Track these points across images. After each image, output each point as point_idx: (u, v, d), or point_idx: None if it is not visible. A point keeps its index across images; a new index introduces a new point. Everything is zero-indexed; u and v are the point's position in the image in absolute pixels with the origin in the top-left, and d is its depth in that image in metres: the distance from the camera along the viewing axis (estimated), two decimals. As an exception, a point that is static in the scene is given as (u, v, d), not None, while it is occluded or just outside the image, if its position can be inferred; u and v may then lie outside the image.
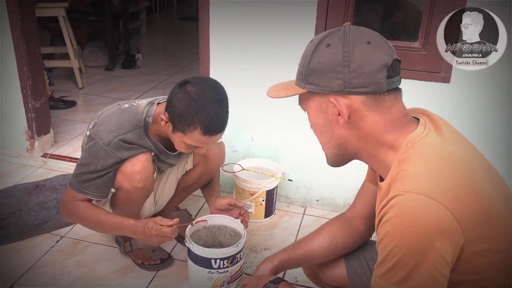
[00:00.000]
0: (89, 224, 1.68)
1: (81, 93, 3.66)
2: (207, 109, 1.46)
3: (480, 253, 0.86)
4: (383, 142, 0.94)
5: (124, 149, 1.57)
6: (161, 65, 4.48)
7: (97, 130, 1.59)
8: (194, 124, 1.47)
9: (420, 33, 1.82)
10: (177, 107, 1.48)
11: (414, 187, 0.84)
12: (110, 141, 1.55)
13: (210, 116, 1.46)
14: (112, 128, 1.57)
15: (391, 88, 0.92)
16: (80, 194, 1.60)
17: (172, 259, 1.87)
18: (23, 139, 2.57)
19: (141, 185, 1.63)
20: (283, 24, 1.96)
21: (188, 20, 6.48)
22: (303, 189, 2.24)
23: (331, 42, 0.92)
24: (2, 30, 2.36)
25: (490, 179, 0.93)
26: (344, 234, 1.30)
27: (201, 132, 1.48)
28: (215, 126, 1.49)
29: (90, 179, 1.58)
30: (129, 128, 1.58)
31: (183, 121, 1.48)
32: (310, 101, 0.97)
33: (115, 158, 1.57)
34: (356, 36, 0.91)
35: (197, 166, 1.90)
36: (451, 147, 0.92)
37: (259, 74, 2.04)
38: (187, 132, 1.49)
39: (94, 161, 1.56)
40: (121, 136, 1.56)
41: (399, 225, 0.84)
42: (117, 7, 4.42)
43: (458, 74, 1.83)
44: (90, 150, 1.58)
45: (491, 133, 1.90)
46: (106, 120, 1.61)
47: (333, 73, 0.90)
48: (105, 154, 1.55)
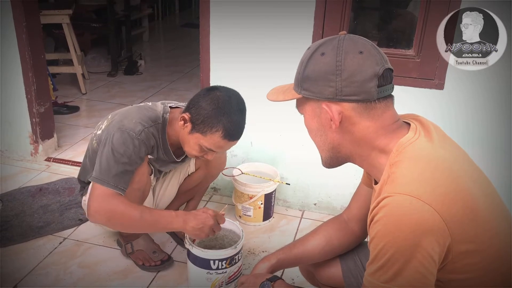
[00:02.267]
0: (128, 222, 1.53)
1: (84, 98, 3.71)
2: (232, 115, 1.53)
3: (467, 253, 0.89)
4: (375, 147, 0.98)
5: (151, 139, 1.60)
6: (163, 71, 4.52)
7: (123, 123, 1.56)
8: (217, 126, 1.53)
9: (415, 41, 1.86)
10: (205, 108, 1.53)
11: (403, 189, 0.88)
12: (141, 130, 1.57)
13: (233, 122, 1.54)
14: (137, 120, 1.59)
15: (382, 96, 0.95)
16: (114, 189, 1.51)
17: (172, 260, 1.90)
18: (27, 143, 2.62)
19: (136, 186, 1.64)
20: (282, 35, 2.00)
21: (190, 27, 6.53)
22: (301, 193, 2.27)
23: (326, 51, 0.96)
24: (8, 37, 2.41)
25: (477, 181, 0.96)
26: (340, 235, 1.33)
27: (222, 135, 1.54)
28: (235, 132, 1.56)
29: (125, 171, 1.53)
30: (151, 123, 1.62)
31: (207, 122, 1.53)
32: (305, 106, 1.01)
33: (147, 146, 1.59)
34: (349, 46, 0.95)
35: (199, 170, 1.93)
36: (440, 151, 0.95)
37: (258, 82, 2.06)
38: (208, 133, 1.54)
39: (127, 150, 1.53)
40: (147, 129, 1.60)
41: (388, 225, 0.87)
42: (120, 14, 4.46)
43: (452, 81, 1.87)
44: (122, 140, 1.53)
45: (485, 139, 1.93)
46: (128, 115, 1.61)
47: (326, 81, 0.94)
48: (138, 143, 1.56)
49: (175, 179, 1.95)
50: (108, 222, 1.56)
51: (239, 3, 2.01)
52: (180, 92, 3.94)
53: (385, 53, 0.99)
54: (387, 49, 1.93)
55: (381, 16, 2.23)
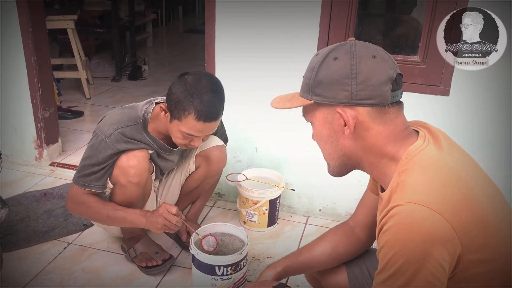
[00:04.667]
0: (98, 216, 1.75)
1: (88, 103, 3.72)
2: (202, 95, 1.54)
3: (477, 262, 0.89)
4: (385, 154, 0.98)
5: (123, 141, 1.65)
6: (166, 76, 4.52)
7: (99, 125, 1.69)
8: (188, 108, 1.54)
9: (420, 47, 1.87)
10: (174, 93, 1.57)
11: (413, 198, 0.87)
12: (111, 133, 1.64)
13: (204, 102, 1.54)
14: (113, 122, 1.66)
15: (394, 101, 0.95)
16: (84, 188, 1.68)
17: (174, 259, 1.90)
18: (32, 148, 2.63)
19: (136, 180, 1.67)
20: (289, 42, 2.00)
21: (194, 32, 6.56)
22: (306, 199, 2.27)
23: (338, 56, 0.95)
24: (14, 42, 2.43)
25: (486, 190, 0.96)
26: (346, 242, 1.33)
27: (195, 117, 1.55)
28: (208, 112, 1.55)
29: (91, 173, 1.66)
30: (127, 123, 1.67)
31: (179, 107, 1.55)
32: (316, 112, 1.00)
33: (114, 149, 1.64)
34: (362, 50, 0.95)
35: (199, 168, 1.93)
36: (449, 159, 0.95)
37: (264, 87, 2.08)
38: (183, 118, 1.56)
39: (95, 153, 1.65)
40: (121, 129, 1.64)
41: (398, 234, 0.86)
42: (124, 20, 4.49)
43: (458, 87, 1.87)
44: (92, 143, 1.67)
45: (490, 145, 1.92)
46: (107, 117, 1.70)
47: (341, 85, 0.94)
48: (105, 145, 1.64)
49: (177, 179, 1.96)
50: (84, 217, 1.87)
51: (245, 14, 2.02)
52: (184, 97, 3.94)
53: (390, 59, 0.99)
54: (393, 55, 1.89)
55: (385, 22, 2.24)
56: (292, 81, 1.34)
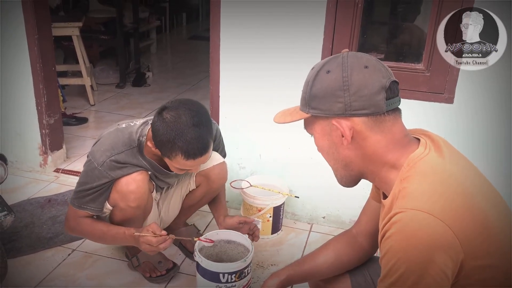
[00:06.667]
0: (94, 237, 1.77)
1: (92, 110, 3.74)
2: (185, 134, 1.46)
3: (480, 269, 0.89)
4: (386, 162, 0.98)
5: (116, 168, 1.62)
6: (170, 83, 4.55)
7: (93, 150, 1.66)
8: (175, 150, 1.50)
9: (424, 55, 1.87)
10: (157, 135, 1.51)
11: (415, 205, 0.88)
12: (104, 161, 1.60)
13: (188, 141, 1.47)
14: (106, 148, 1.62)
15: (390, 109, 0.96)
16: (81, 210, 1.69)
17: (178, 267, 1.90)
18: (37, 154, 2.64)
19: (135, 204, 1.66)
20: (293, 48, 2.01)
21: (197, 39, 6.59)
22: (310, 206, 2.27)
23: (331, 69, 0.97)
24: (20, 49, 2.44)
25: (488, 197, 0.96)
26: (349, 250, 1.33)
27: (183, 157, 1.51)
28: (195, 149, 1.49)
29: (87, 195, 1.66)
30: (122, 149, 1.62)
31: (165, 148, 1.51)
32: (314, 125, 1.02)
33: (109, 177, 1.62)
34: (353, 62, 0.96)
35: (200, 186, 1.92)
36: (451, 166, 0.95)
37: (268, 94, 2.09)
38: (172, 158, 1.53)
39: (90, 180, 1.63)
40: (114, 157, 1.61)
41: (401, 241, 0.87)
42: (128, 27, 4.51)
43: (462, 95, 1.87)
44: (86, 169, 1.65)
45: (494, 153, 1.92)
46: (102, 141, 1.67)
47: (334, 97, 0.95)
48: (99, 174, 1.62)
49: (177, 196, 1.95)
50: (81, 236, 1.93)
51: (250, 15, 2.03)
52: (187, 104, 3.95)
53: (394, 67, 1.01)
54: (397, 63, 1.94)
55: (389, 30, 2.25)
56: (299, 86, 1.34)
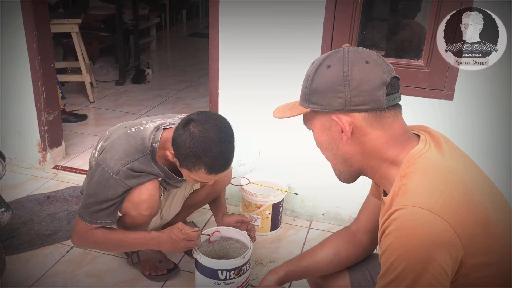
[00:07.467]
0: (109, 247, 1.76)
1: (92, 107, 3.73)
2: (211, 150, 1.46)
3: (480, 266, 0.88)
4: (386, 158, 0.98)
5: (132, 177, 1.58)
6: (170, 80, 4.54)
7: (105, 157, 1.59)
8: (198, 165, 1.48)
9: (424, 51, 1.86)
10: (182, 148, 1.49)
11: (415, 201, 0.87)
12: (119, 169, 1.55)
13: (214, 157, 1.47)
14: (120, 156, 1.57)
15: (391, 105, 0.95)
16: (93, 224, 1.62)
17: (179, 269, 1.90)
18: (36, 151, 2.63)
19: (147, 213, 1.66)
20: (292, 45, 2.00)
21: (197, 36, 6.59)
22: (309, 203, 2.26)
23: (331, 63, 0.96)
24: (18, 46, 2.44)
25: (488, 194, 0.95)
26: (348, 247, 1.32)
27: (206, 172, 1.50)
28: (219, 165, 1.50)
29: (101, 209, 1.59)
30: (136, 156, 1.59)
31: (188, 161, 1.50)
32: (314, 120, 1.01)
33: (125, 186, 1.58)
34: (354, 56, 0.95)
35: (204, 187, 1.93)
36: (451, 162, 0.95)
37: (267, 92, 2.08)
38: (193, 170, 1.51)
39: (104, 190, 1.57)
40: (129, 165, 1.57)
41: (400, 238, 0.86)
42: (128, 24, 4.51)
43: (462, 91, 1.86)
44: (99, 179, 1.57)
45: (493, 150, 1.92)
46: (113, 147, 1.60)
47: (334, 92, 0.95)
48: (114, 183, 1.56)
49: (180, 194, 1.94)
50: (92, 248, 1.91)
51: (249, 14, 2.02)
52: (187, 101, 3.96)
53: (394, 63, 1.00)
54: (396, 59, 1.93)
55: (389, 27, 2.24)
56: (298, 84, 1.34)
